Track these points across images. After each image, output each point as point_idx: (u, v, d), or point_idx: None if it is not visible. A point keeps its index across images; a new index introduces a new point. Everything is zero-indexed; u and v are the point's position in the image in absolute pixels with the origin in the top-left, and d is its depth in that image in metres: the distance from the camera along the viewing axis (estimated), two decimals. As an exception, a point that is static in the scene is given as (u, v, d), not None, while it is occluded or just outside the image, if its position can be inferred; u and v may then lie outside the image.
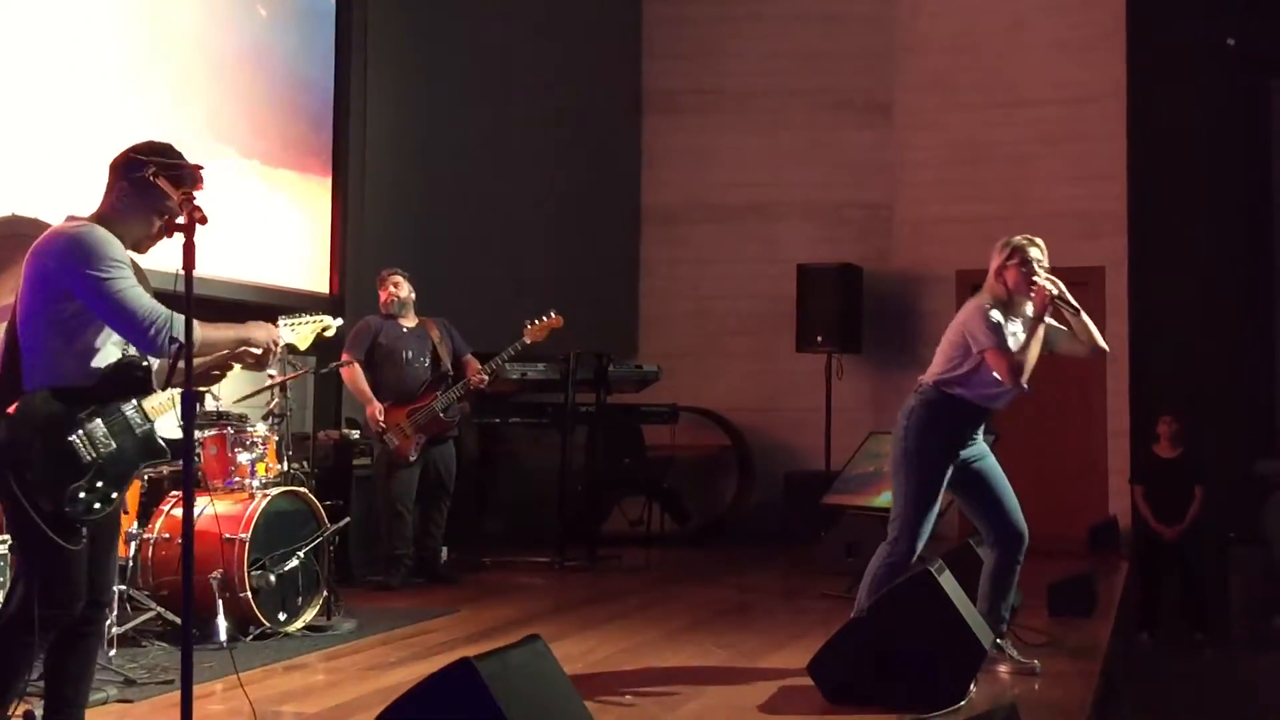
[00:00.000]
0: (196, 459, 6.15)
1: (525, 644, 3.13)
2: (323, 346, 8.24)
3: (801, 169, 10.91)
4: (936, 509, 5.03)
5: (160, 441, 3.65)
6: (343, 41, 9.10)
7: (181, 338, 3.02)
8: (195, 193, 3.25)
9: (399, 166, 9.52)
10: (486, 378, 7.58)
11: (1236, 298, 10.49)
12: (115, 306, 3.44)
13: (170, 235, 3.57)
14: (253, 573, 5.67)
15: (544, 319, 7.68)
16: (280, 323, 4.10)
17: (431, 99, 9.84)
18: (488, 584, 7.76)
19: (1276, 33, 10.57)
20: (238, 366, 3.82)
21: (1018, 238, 5.13)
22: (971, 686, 4.56)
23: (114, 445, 3.50)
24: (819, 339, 10.17)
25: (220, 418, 6.09)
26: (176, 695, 4.48)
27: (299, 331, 4.17)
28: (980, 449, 5.15)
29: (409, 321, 7.63)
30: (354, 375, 7.45)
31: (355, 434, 7.94)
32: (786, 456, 10.56)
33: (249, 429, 6.05)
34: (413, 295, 7.63)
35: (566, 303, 10.20)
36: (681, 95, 11.20)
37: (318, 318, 4.28)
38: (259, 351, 3.74)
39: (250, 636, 5.65)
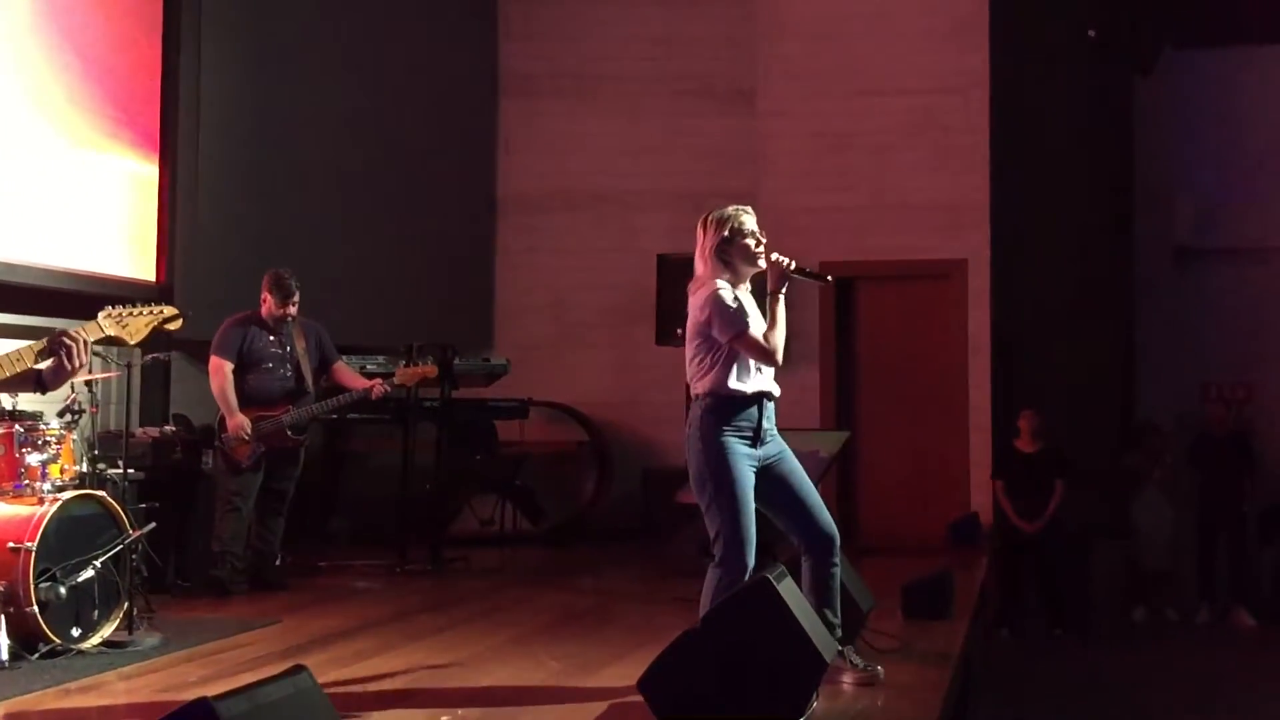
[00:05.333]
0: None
1: (285, 677, 2.73)
2: (153, 335, 7.83)
3: (662, 157, 10.60)
4: (752, 515, 4.67)
5: None
6: (171, 14, 8.53)
7: None
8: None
9: (235, 148, 8.98)
10: (388, 388, 7.37)
11: (1099, 291, 10.45)
12: None
13: None
14: (41, 584, 5.14)
15: (419, 365, 7.54)
16: (101, 315, 3.62)
17: (272, 78, 9.31)
18: (321, 589, 7.32)
19: (1137, 25, 10.55)
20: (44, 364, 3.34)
21: (730, 208, 4.81)
22: (814, 700, 4.27)
23: None
24: (679, 332, 9.81)
25: (8, 414, 5.55)
26: (-63, 725, 4.07)
27: (129, 325, 3.66)
28: (777, 446, 4.78)
29: (282, 329, 7.21)
30: (224, 383, 7.05)
31: (180, 430, 7.47)
32: (646, 452, 10.26)
33: (41, 426, 5.52)
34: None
35: (418, 292, 9.83)
36: (539, 79, 10.81)
37: (156, 308, 3.77)
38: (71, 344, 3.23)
39: (38, 655, 5.13)
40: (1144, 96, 10.95)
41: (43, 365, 3.46)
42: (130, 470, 6.41)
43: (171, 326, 3.87)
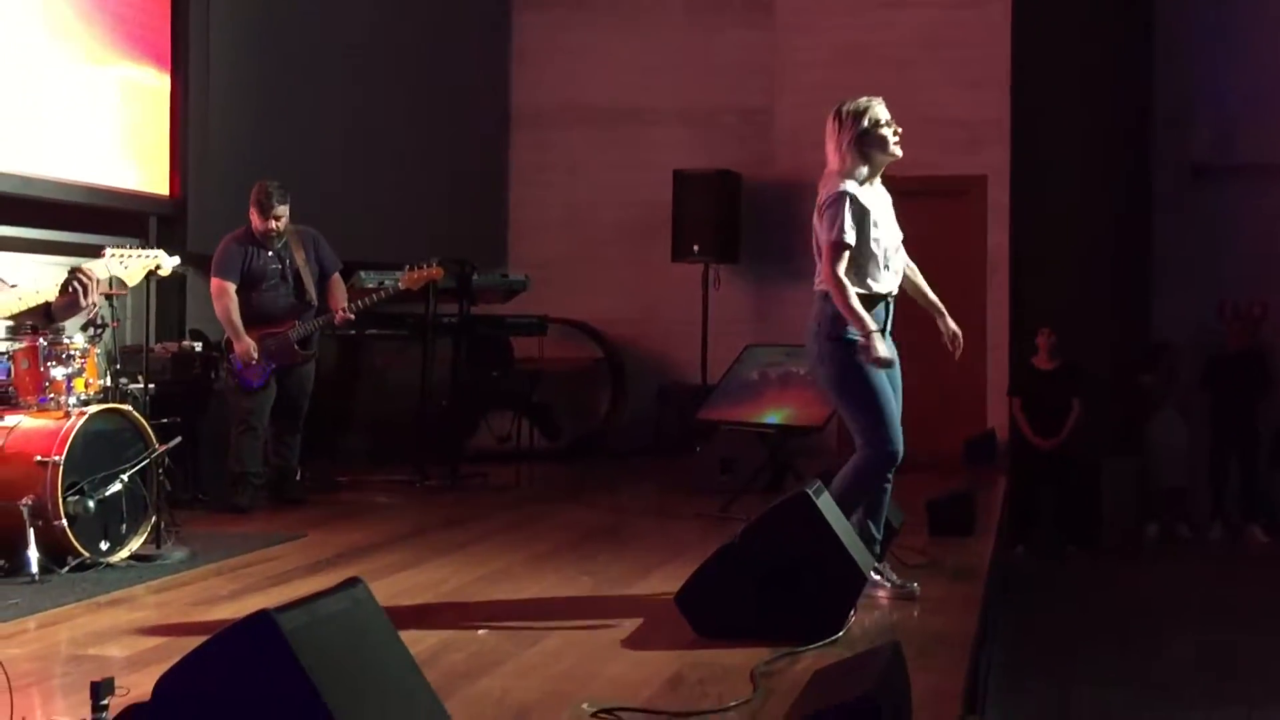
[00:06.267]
0: (6, 373, 5.60)
1: (342, 589, 2.71)
2: (172, 248, 7.72)
3: (679, 71, 10.46)
4: (890, 399, 4.65)
5: None
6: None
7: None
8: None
9: (247, 62, 8.83)
10: (352, 316, 7.14)
11: (1118, 208, 10.36)
12: None
13: None
14: (69, 498, 5.13)
15: (422, 268, 7.35)
16: (107, 253, 3.61)
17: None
18: (342, 505, 7.32)
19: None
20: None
21: (863, 100, 4.74)
22: (852, 615, 4.27)
23: None
24: (695, 248, 9.80)
25: (32, 329, 5.49)
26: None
27: (130, 266, 3.67)
28: (892, 351, 4.73)
29: (277, 243, 7.06)
30: (227, 305, 6.93)
31: (198, 346, 7.42)
32: (661, 369, 10.24)
33: (65, 340, 5.46)
34: (288, 219, 7.06)
35: (433, 209, 9.74)
36: (554, -9, 10.65)
37: (149, 252, 3.79)
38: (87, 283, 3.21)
39: (67, 568, 5.13)
40: (1164, 12, 10.77)
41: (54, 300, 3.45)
42: (150, 385, 6.39)
43: (163, 273, 3.87)
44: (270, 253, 7.05)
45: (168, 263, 3.86)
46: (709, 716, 3.37)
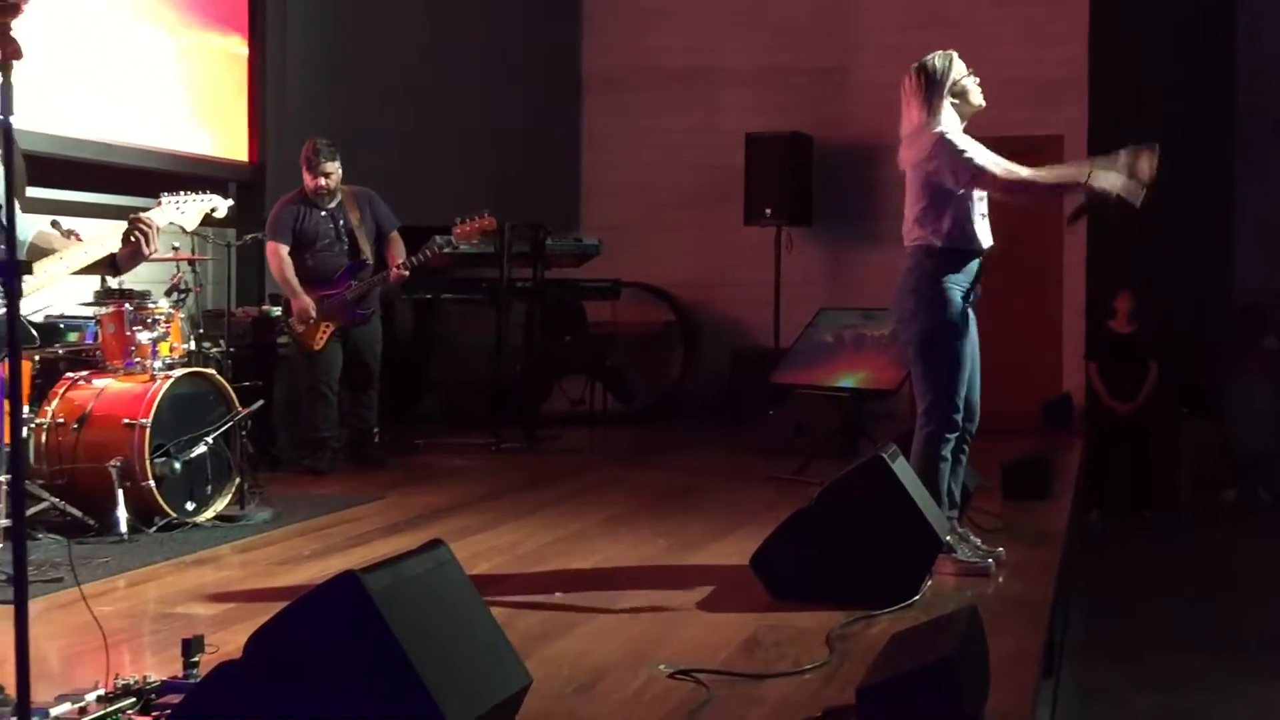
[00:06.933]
0: (94, 337, 5.74)
1: (425, 551, 2.76)
2: (251, 214, 7.82)
3: (750, 32, 10.39)
4: (965, 372, 4.62)
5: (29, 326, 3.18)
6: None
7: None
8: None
9: (322, 28, 8.92)
10: (406, 273, 7.12)
11: (1199, 169, 10.16)
12: None
13: None
14: (156, 460, 5.26)
15: (475, 219, 7.18)
16: (164, 200, 3.65)
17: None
18: (419, 468, 7.42)
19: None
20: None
21: (938, 54, 4.70)
22: (929, 579, 4.27)
23: None
24: (768, 211, 9.77)
25: (117, 294, 5.61)
26: (67, 594, 4.18)
27: (186, 211, 3.70)
28: (972, 315, 4.70)
29: (329, 203, 7.08)
30: (281, 266, 6.98)
31: (277, 310, 7.52)
32: (734, 333, 10.24)
33: (150, 305, 5.58)
34: (340, 176, 7.10)
35: (505, 173, 9.78)
36: (624, -47, 10.61)
37: (204, 196, 3.81)
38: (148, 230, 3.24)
39: (155, 528, 5.26)
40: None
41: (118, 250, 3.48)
42: (231, 348, 6.50)
43: (218, 215, 3.89)
44: (323, 213, 7.06)
45: (222, 205, 3.90)
46: (785, 679, 3.39)
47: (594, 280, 9.35)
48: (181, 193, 3.80)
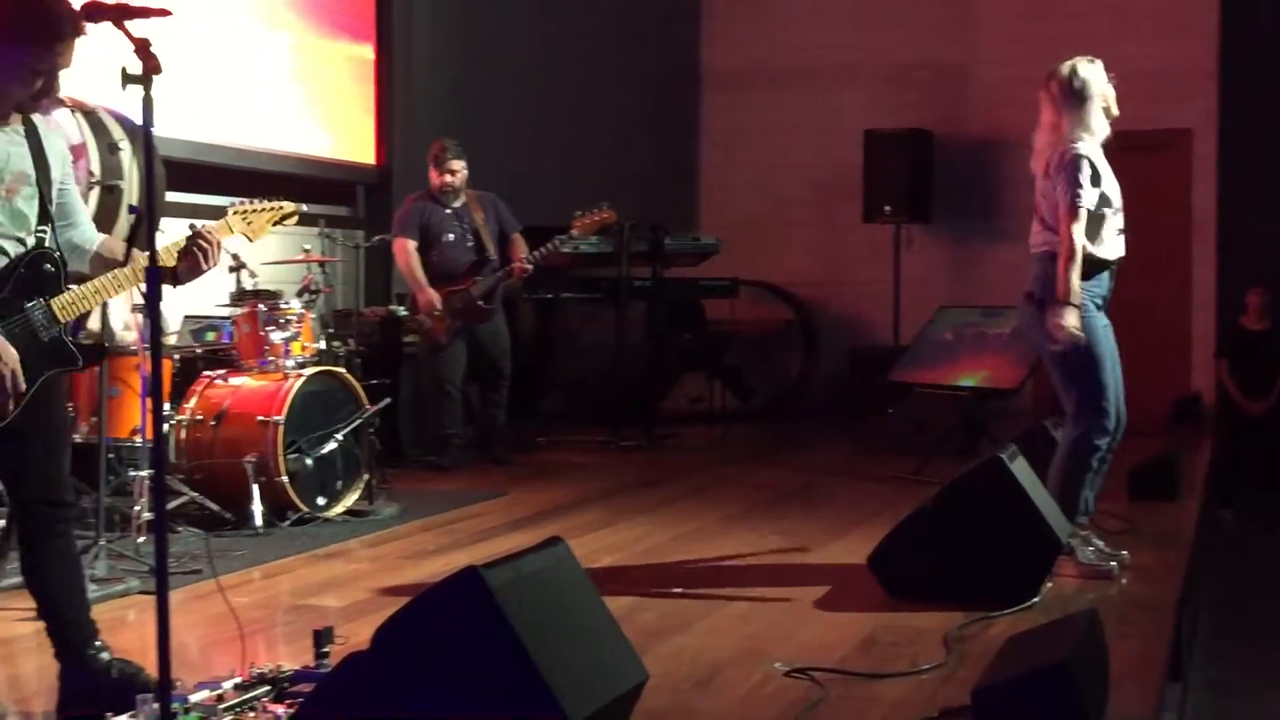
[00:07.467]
0: (230, 337, 5.94)
1: (544, 548, 2.84)
2: (378, 216, 8.02)
3: (869, 28, 10.34)
4: (1110, 372, 4.56)
5: (71, 346, 3.23)
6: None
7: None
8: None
9: (446, 31, 9.08)
10: (529, 267, 7.24)
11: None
12: None
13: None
14: (289, 456, 5.44)
15: (594, 213, 7.24)
16: (230, 211, 3.68)
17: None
18: (541, 464, 7.53)
19: None
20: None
21: (1081, 61, 4.61)
22: (1046, 582, 4.24)
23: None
24: (887, 209, 9.72)
25: (252, 294, 5.80)
26: (204, 586, 4.35)
27: (253, 221, 3.70)
28: (1106, 318, 4.64)
29: (455, 202, 7.27)
30: (409, 260, 7.16)
31: (404, 310, 7.69)
32: (852, 331, 10.20)
33: (283, 306, 5.76)
34: (465, 175, 7.27)
35: (623, 172, 9.86)
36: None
37: (276, 204, 3.80)
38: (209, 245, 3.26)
39: (288, 522, 5.44)
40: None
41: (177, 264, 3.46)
42: (360, 347, 6.67)
43: (289, 222, 3.88)
44: (448, 210, 7.22)
45: (291, 208, 3.86)
46: (901, 679, 3.41)
47: (712, 279, 9.39)
48: (250, 201, 3.78)
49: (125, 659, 3.30)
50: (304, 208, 4.09)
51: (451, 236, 7.22)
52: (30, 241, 3.18)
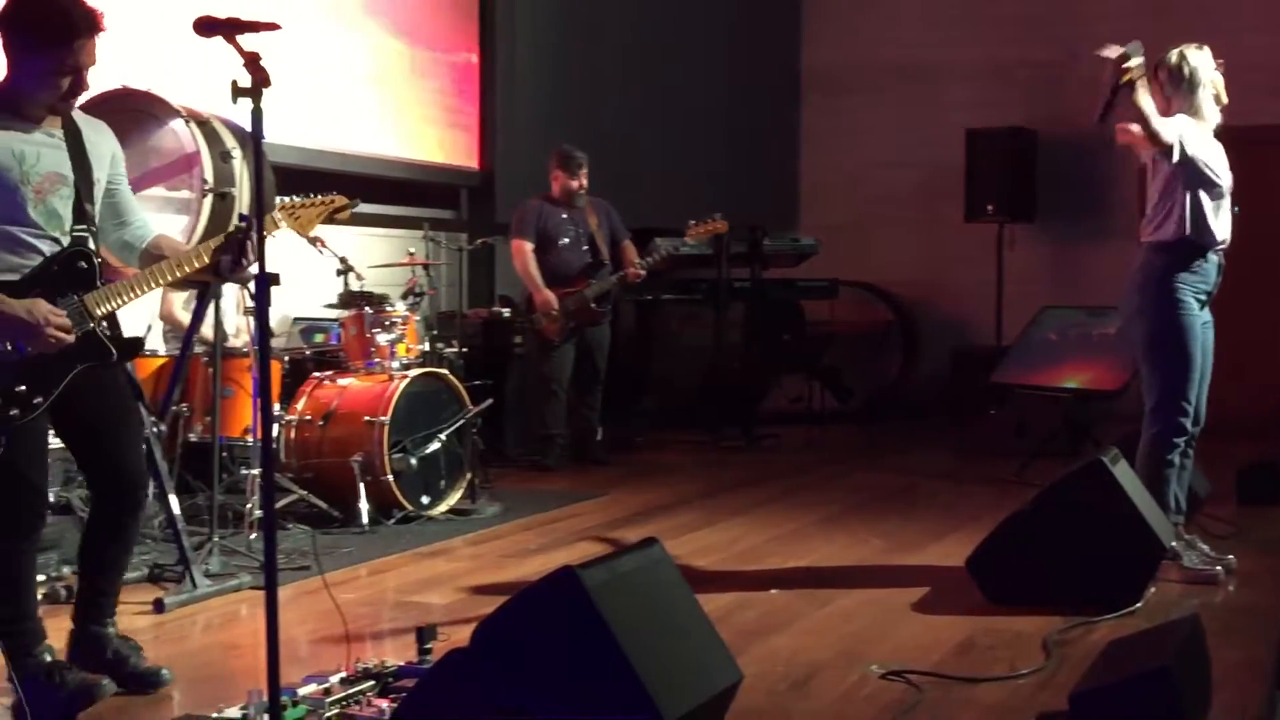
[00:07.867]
0: (338, 339, 6.08)
1: (640, 548, 2.88)
2: (481, 219, 8.15)
3: (970, 25, 10.23)
4: (1196, 373, 4.53)
5: (106, 341, 3.30)
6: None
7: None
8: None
9: (548, 36, 9.17)
10: (643, 273, 7.41)
11: None
12: None
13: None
14: (394, 455, 5.56)
15: (708, 222, 7.49)
16: (276, 208, 3.71)
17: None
18: (640, 464, 7.59)
19: None
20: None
21: (1190, 49, 4.58)
22: (1149, 587, 4.19)
23: None
24: (989, 208, 9.62)
25: (358, 298, 5.94)
26: (313, 582, 4.46)
27: (300, 217, 3.71)
28: (1208, 314, 4.61)
29: (574, 206, 7.40)
30: (525, 261, 7.30)
31: (506, 312, 7.80)
32: (953, 331, 10.10)
33: (388, 308, 5.90)
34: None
35: (722, 172, 9.89)
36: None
37: (326, 198, 3.79)
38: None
39: (393, 520, 5.57)
40: None
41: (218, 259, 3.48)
42: (463, 349, 6.79)
43: (341, 216, 3.83)
44: (565, 214, 7.37)
45: (343, 202, 3.79)
46: (999, 683, 3.40)
47: (812, 280, 9.37)
48: (297, 197, 3.76)
49: (125, 636, 3.54)
50: (359, 202, 4.02)
51: (567, 240, 7.36)
52: (66, 241, 3.28)
